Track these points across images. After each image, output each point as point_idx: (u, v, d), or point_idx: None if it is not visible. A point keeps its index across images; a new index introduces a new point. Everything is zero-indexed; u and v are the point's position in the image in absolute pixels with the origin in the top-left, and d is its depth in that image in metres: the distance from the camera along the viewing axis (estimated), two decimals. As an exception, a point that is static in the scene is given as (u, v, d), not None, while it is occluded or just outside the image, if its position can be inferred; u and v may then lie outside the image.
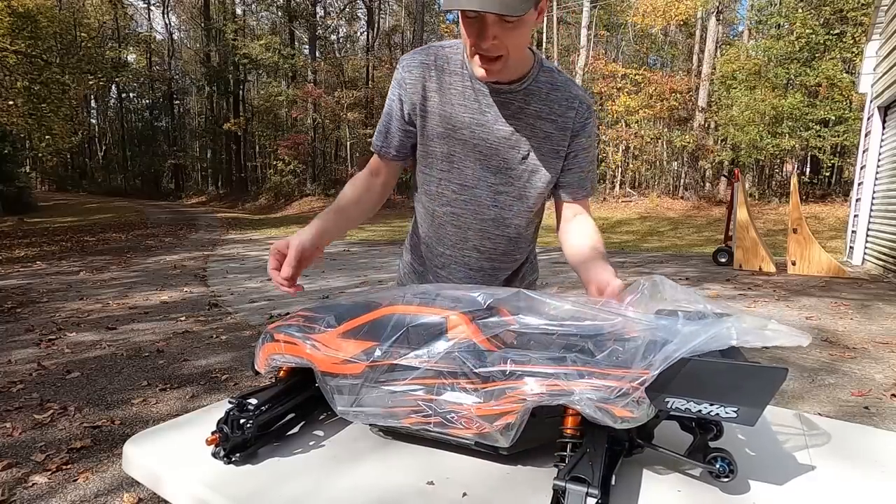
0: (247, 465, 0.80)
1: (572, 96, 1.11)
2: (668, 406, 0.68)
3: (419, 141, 1.16)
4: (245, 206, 25.70)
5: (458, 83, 1.10)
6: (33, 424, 2.61)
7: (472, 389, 0.72)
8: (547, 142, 1.11)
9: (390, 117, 1.17)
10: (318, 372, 0.83)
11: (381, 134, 1.19)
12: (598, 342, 0.71)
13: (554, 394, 0.67)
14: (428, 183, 1.18)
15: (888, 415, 2.75)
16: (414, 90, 1.12)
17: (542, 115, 1.10)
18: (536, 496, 0.71)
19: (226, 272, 7.28)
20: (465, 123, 1.10)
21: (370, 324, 0.82)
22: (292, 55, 26.60)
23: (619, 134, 18.35)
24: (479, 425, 0.71)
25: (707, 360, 0.66)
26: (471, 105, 1.09)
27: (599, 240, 1.11)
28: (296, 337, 0.86)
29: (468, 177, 1.14)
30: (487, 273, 1.24)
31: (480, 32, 0.94)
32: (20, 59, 13.99)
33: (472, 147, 1.11)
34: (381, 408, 0.78)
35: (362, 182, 1.20)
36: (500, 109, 1.09)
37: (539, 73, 1.10)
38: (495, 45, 0.95)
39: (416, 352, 0.76)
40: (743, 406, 0.64)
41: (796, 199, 6.86)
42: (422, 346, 0.76)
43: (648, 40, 23.54)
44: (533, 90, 1.09)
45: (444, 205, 1.18)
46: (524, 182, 1.14)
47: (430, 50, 1.13)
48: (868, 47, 8.33)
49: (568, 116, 1.11)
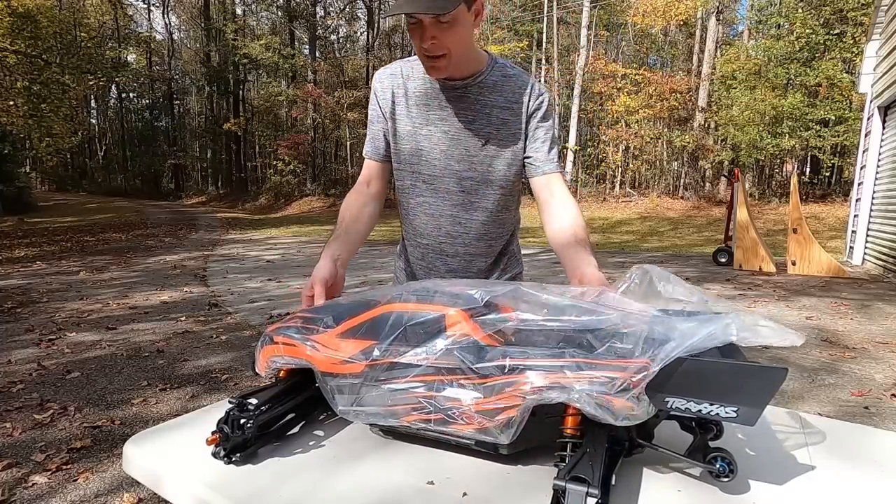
0: (247, 465, 0.80)
1: (524, 83, 1.23)
2: (668, 406, 0.68)
3: (392, 142, 1.29)
4: (245, 206, 25.71)
5: (421, 86, 1.24)
6: (33, 424, 2.61)
7: (472, 385, 0.72)
8: (504, 128, 1.23)
9: (372, 124, 1.32)
10: (318, 373, 0.83)
11: (370, 141, 1.33)
12: (598, 336, 0.71)
13: (554, 387, 0.67)
14: (402, 179, 1.30)
15: (888, 415, 2.75)
16: (384, 98, 1.27)
17: (497, 105, 1.22)
18: (536, 496, 0.71)
19: (226, 272, 7.28)
20: (428, 119, 1.24)
21: (369, 323, 0.82)
22: (292, 55, 26.61)
23: (619, 134, 18.37)
24: (480, 421, 0.71)
25: (707, 360, 0.66)
26: (432, 103, 1.23)
27: (581, 224, 1.17)
28: (295, 339, 0.86)
29: (435, 167, 1.25)
30: (464, 259, 1.31)
31: (421, 35, 1.08)
32: (20, 59, 13.99)
33: (436, 140, 1.24)
34: (381, 406, 0.78)
35: (356, 198, 1.31)
36: (458, 103, 1.22)
37: (492, 68, 1.23)
38: (435, 45, 1.08)
39: (416, 349, 0.76)
40: (743, 406, 0.64)
41: (796, 199, 6.86)
42: (421, 344, 0.76)
43: (648, 40, 23.54)
44: (486, 83, 1.21)
45: (416, 195, 1.29)
46: (486, 167, 1.25)
47: (398, 64, 1.29)
48: (868, 47, 8.33)
49: (521, 101, 1.22)
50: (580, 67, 18.42)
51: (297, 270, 7.40)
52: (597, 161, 20.44)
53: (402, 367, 0.76)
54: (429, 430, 0.78)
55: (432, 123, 1.24)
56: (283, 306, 5.11)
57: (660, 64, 24.54)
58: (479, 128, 1.22)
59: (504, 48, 19.44)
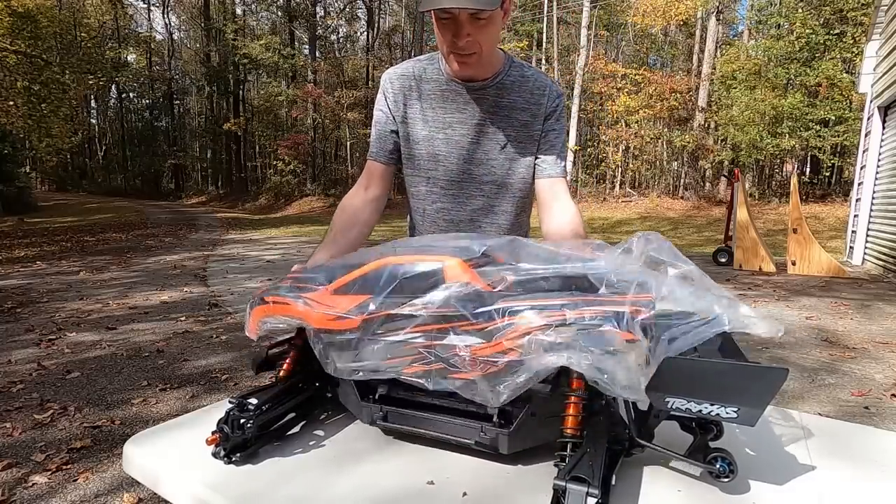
0: (247, 465, 0.80)
1: (543, 84, 1.21)
2: (668, 406, 0.68)
3: (403, 147, 1.24)
4: (245, 206, 25.70)
5: (436, 88, 1.20)
6: (33, 424, 2.61)
7: (474, 331, 0.70)
8: (524, 130, 1.20)
9: (379, 125, 1.27)
10: (312, 332, 0.80)
11: (376, 141, 1.27)
12: (597, 278, 0.70)
13: (554, 323, 0.65)
14: (417, 185, 1.26)
15: (888, 415, 2.75)
16: (396, 99, 1.22)
17: (516, 106, 1.19)
18: (536, 496, 0.71)
19: (226, 272, 7.27)
20: (446, 123, 1.19)
21: (363, 277, 0.79)
22: (292, 55, 26.60)
23: (619, 134, 18.36)
24: (483, 366, 0.69)
25: (707, 361, 0.66)
26: (450, 105, 1.19)
27: (580, 224, 1.16)
28: (287, 297, 0.83)
29: (453, 171, 1.21)
30: None
31: (456, 31, 1.04)
32: (20, 59, 13.97)
33: (454, 143, 1.20)
34: (380, 360, 0.75)
35: (350, 202, 1.24)
36: (476, 105, 1.18)
37: (510, 68, 1.20)
38: (469, 43, 1.06)
39: (414, 300, 0.73)
40: (743, 406, 0.64)
41: (796, 199, 6.86)
42: (419, 294, 0.73)
43: (648, 40, 23.53)
44: (505, 84, 1.18)
45: (434, 202, 1.25)
46: (506, 170, 1.22)
47: (409, 64, 1.24)
48: (868, 47, 8.33)
49: (540, 104, 1.20)
50: (580, 67, 18.41)
51: (297, 270, 7.40)
52: (597, 161, 20.43)
53: (400, 318, 0.73)
54: (427, 386, 0.74)
55: (450, 126, 1.20)
56: (283, 306, 5.11)
57: (660, 64, 24.55)
58: (499, 130, 1.19)
59: (504, 48, 19.38)
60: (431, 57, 1.23)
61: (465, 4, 0.98)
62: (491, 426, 0.77)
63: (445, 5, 0.98)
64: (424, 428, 0.82)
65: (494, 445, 0.77)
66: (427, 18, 16.06)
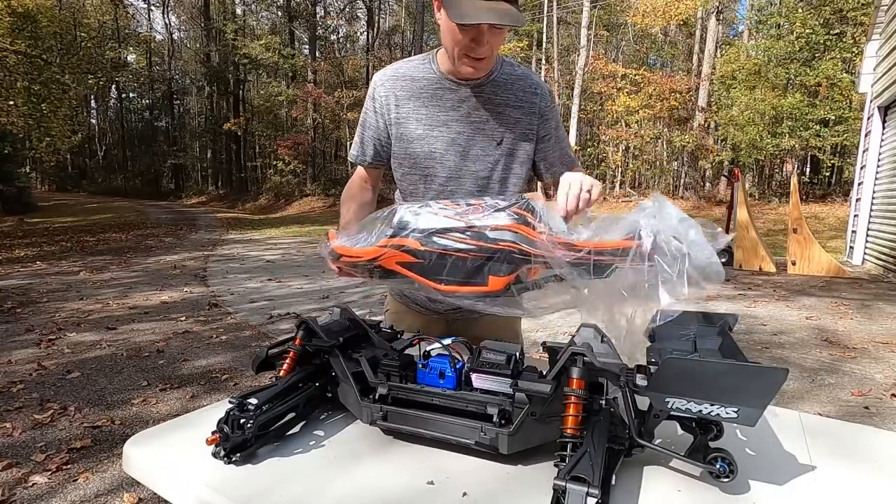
0: (247, 465, 0.80)
1: (534, 83, 1.24)
2: (668, 406, 0.68)
3: (396, 147, 1.25)
4: (245, 206, 25.70)
5: (429, 87, 1.21)
6: (33, 424, 2.61)
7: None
8: (518, 126, 1.23)
9: (364, 128, 1.29)
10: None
11: (357, 145, 1.31)
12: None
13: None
14: (413, 184, 1.26)
15: (888, 415, 2.75)
16: (385, 101, 1.23)
17: (509, 103, 1.22)
18: (536, 496, 0.71)
19: (226, 272, 7.27)
20: (440, 120, 1.21)
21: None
22: (292, 55, 26.59)
23: (619, 134, 18.36)
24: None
25: (708, 361, 0.66)
26: (444, 103, 1.21)
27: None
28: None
29: (451, 169, 1.23)
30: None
31: (477, 38, 1.07)
32: (20, 59, 13.97)
33: (451, 141, 1.21)
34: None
35: (358, 187, 1.35)
36: (471, 102, 1.21)
37: (501, 66, 1.23)
38: (487, 49, 1.10)
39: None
40: (743, 406, 0.64)
41: (796, 199, 6.86)
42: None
43: (648, 40, 23.53)
44: (498, 81, 1.21)
45: (430, 199, 1.25)
46: (503, 166, 1.24)
47: (399, 65, 1.26)
48: (868, 47, 8.33)
49: (533, 102, 1.23)
50: (580, 67, 18.42)
51: (297, 270, 7.40)
52: (597, 161, 20.42)
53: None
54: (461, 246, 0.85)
55: (445, 124, 1.21)
56: (283, 306, 5.11)
57: (660, 64, 24.54)
58: (494, 126, 1.22)
59: (504, 48, 19.41)
60: (420, 58, 1.25)
61: (508, 22, 1.02)
62: (491, 426, 0.77)
63: (493, 21, 1.02)
64: (424, 428, 0.82)
65: (494, 446, 0.77)
66: (428, 19, 15.75)
